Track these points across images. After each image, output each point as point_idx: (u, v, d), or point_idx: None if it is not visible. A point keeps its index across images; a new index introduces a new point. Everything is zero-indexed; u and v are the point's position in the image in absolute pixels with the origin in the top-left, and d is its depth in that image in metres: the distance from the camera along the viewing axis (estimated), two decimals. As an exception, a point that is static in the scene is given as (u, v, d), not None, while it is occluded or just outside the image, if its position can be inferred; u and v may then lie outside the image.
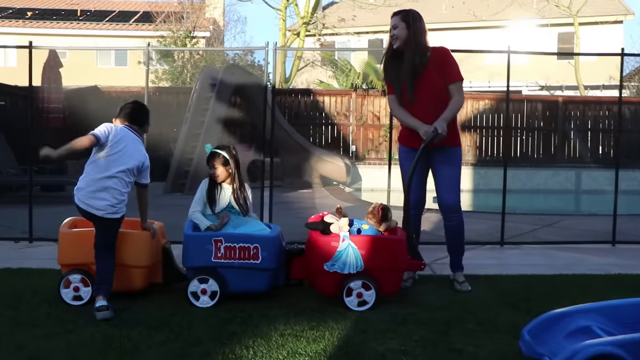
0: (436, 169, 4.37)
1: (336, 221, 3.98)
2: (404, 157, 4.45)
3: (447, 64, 4.23)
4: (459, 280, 4.39)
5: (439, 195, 4.39)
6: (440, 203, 4.39)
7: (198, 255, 3.82)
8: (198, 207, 4.00)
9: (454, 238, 4.45)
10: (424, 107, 4.22)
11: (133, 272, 3.84)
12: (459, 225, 4.41)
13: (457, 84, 4.23)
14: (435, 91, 4.21)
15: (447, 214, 4.39)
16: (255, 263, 3.82)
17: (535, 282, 4.54)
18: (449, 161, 4.33)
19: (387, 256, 3.83)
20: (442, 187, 4.36)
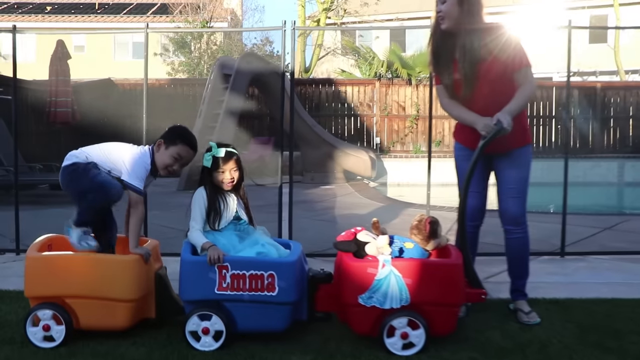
0: (499, 172, 3.53)
1: (373, 240, 3.14)
2: (460, 156, 3.61)
3: (509, 46, 3.33)
4: (524, 311, 3.53)
5: (501, 203, 3.53)
6: (502, 213, 3.53)
7: (198, 285, 3.01)
8: (198, 225, 3.19)
9: (516, 258, 3.59)
10: (484, 102, 3.35)
11: (117, 307, 3.04)
12: (522, 241, 3.55)
13: (524, 71, 3.33)
14: (497, 82, 3.34)
15: (509, 226, 3.53)
16: (271, 295, 2.99)
17: (620, 310, 3.66)
18: (515, 162, 3.47)
19: (440, 286, 2.98)
20: (504, 193, 3.50)
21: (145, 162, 3.20)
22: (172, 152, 3.23)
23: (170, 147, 3.23)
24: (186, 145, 3.26)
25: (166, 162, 3.24)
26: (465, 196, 3.23)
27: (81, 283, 3.02)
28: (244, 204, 3.39)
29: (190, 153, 3.29)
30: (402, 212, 8.09)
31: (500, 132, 3.17)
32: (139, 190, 3.14)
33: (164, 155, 3.23)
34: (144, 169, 3.19)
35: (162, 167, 3.25)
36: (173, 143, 3.23)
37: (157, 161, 3.24)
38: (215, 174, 3.27)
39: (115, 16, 28.34)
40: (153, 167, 3.25)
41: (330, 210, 8.43)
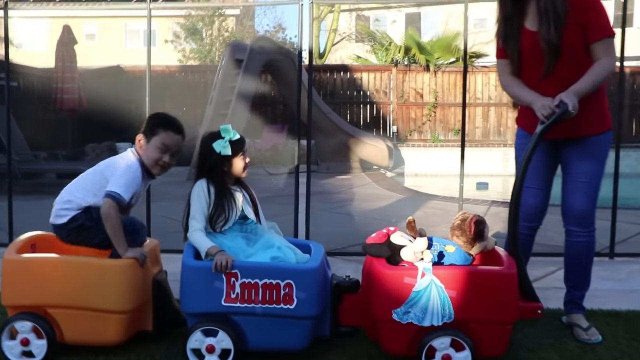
0: (568, 162, 2.98)
1: (409, 243, 2.65)
2: (521, 145, 3.07)
3: (592, 12, 2.80)
4: (582, 326, 3.02)
5: (566, 199, 3.00)
6: (566, 211, 3.00)
7: (202, 296, 2.54)
8: (200, 225, 2.71)
9: (577, 265, 3.06)
10: (562, 82, 2.81)
11: (108, 319, 2.58)
12: (587, 245, 3.02)
13: (605, 42, 2.79)
14: (577, 55, 2.82)
15: (573, 227, 3.00)
16: (288, 309, 2.52)
17: (692, 324, 3.15)
18: (589, 152, 2.93)
19: (491, 300, 2.49)
20: (571, 187, 2.96)
21: (134, 169, 2.75)
22: (155, 143, 2.77)
23: (151, 139, 2.77)
24: (169, 131, 2.79)
25: (153, 157, 2.78)
26: (519, 192, 2.71)
27: (66, 291, 2.57)
28: (251, 199, 2.91)
29: (176, 139, 2.82)
30: (424, 204, 7.59)
31: (563, 115, 2.66)
32: (118, 198, 2.65)
33: (148, 150, 2.77)
34: (135, 178, 2.74)
35: (152, 164, 2.79)
36: (153, 133, 2.77)
37: (144, 161, 2.79)
38: (231, 162, 2.79)
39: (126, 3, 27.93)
40: (144, 170, 2.80)
41: (348, 202, 7.95)
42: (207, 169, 2.80)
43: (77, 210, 2.72)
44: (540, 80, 2.89)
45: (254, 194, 2.93)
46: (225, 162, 2.78)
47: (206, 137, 2.85)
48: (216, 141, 2.78)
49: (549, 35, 2.78)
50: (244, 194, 2.86)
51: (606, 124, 2.96)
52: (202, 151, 2.83)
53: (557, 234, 3.33)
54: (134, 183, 2.71)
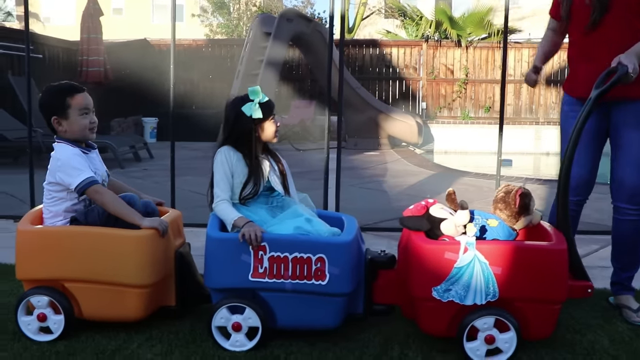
0: (617, 130, 2.75)
1: (450, 216, 2.46)
2: (568, 112, 2.89)
3: None
4: (632, 308, 2.81)
5: (616, 172, 2.78)
6: (616, 185, 2.78)
7: (228, 270, 2.38)
8: (225, 194, 2.55)
9: (627, 244, 2.84)
10: (607, 39, 2.63)
11: (128, 293, 2.44)
12: (637, 223, 2.80)
13: None
14: (628, 14, 2.61)
15: (623, 204, 2.78)
16: (320, 285, 2.35)
17: None
18: (639, 122, 2.70)
19: (538, 277, 2.28)
20: (620, 160, 2.75)
21: (68, 152, 2.55)
22: (75, 114, 2.56)
23: (68, 113, 2.55)
24: (75, 95, 2.57)
25: (82, 125, 2.57)
26: (569, 163, 2.49)
27: (84, 264, 2.43)
28: (280, 170, 2.73)
29: (86, 96, 2.61)
30: (456, 181, 7.35)
31: (623, 78, 2.42)
32: (91, 180, 2.48)
33: (73, 124, 2.56)
34: (75, 156, 2.54)
35: (85, 132, 2.59)
36: (65, 107, 2.56)
37: (76, 136, 2.58)
38: (262, 126, 2.62)
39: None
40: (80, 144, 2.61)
41: (378, 178, 7.74)
42: (235, 135, 2.62)
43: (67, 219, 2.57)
44: (583, 35, 2.73)
45: (284, 164, 2.76)
46: (256, 126, 2.61)
47: (233, 101, 2.67)
48: (245, 104, 2.60)
49: None
50: (271, 164, 2.69)
51: None
52: (229, 116, 2.65)
53: (594, 212, 3.11)
54: (82, 163, 2.54)
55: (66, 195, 2.54)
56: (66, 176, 2.49)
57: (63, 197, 2.54)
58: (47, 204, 2.57)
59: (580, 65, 2.83)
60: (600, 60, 2.66)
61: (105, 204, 2.49)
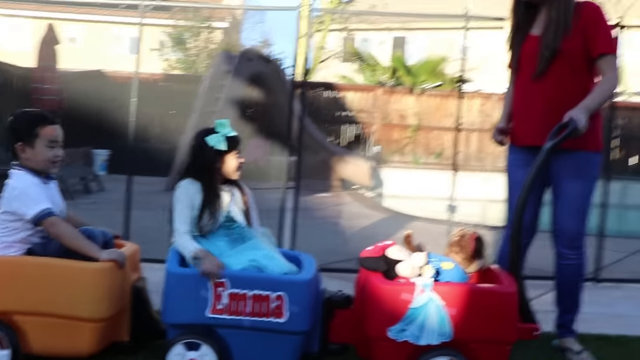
0: (559, 179, 2.89)
1: (407, 257, 2.53)
2: (514, 161, 3.02)
3: (598, 26, 2.76)
4: (574, 350, 2.93)
5: (558, 220, 2.92)
6: (558, 232, 2.93)
7: (186, 305, 2.38)
8: (184, 227, 2.55)
9: (568, 288, 2.98)
10: (552, 89, 2.80)
11: (81, 327, 2.39)
12: (578, 268, 2.95)
13: (610, 58, 2.75)
14: (573, 66, 2.79)
15: (563, 249, 2.92)
16: (278, 323, 2.37)
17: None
18: (579, 172, 2.85)
19: (491, 319, 2.37)
20: (562, 208, 2.89)
21: (27, 181, 2.52)
22: (42, 144, 2.54)
23: (35, 142, 2.53)
24: (47, 126, 2.56)
25: (46, 157, 2.55)
26: (522, 209, 2.61)
27: (35, 296, 2.38)
28: (243, 201, 2.76)
29: (57, 128, 2.60)
30: (407, 224, 7.47)
31: (572, 133, 2.58)
32: (47, 212, 2.45)
33: (38, 154, 2.54)
34: (33, 186, 2.51)
35: (48, 164, 2.57)
36: (34, 135, 2.53)
37: (37, 166, 2.55)
38: (224, 159, 2.65)
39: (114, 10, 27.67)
40: (40, 175, 2.57)
41: (331, 220, 7.81)
42: (197, 167, 2.64)
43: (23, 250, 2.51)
44: (530, 83, 2.87)
45: (249, 196, 2.78)
46: (219, 158, 2.64)
47: (199, 132, 2.71)
48: (210, 135, 2.64)
49: (550, 40, 2.76)
50: (233, 195, 2.71)
51: (598, 144, 2.92)
52: (193, 147, 2.68)
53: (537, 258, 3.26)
54: (40, 193, 2.51)
55: (21, 226, 2.49)
56: (22, 206, 2.45)
57: (18, 227, 2.49)
58: (1, 234, 2.51)
59: (524, 116, 2.96)
60: (543, 110, 2.82)
61: (60, 236, 2.45)
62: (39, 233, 2.53)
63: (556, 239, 2.94)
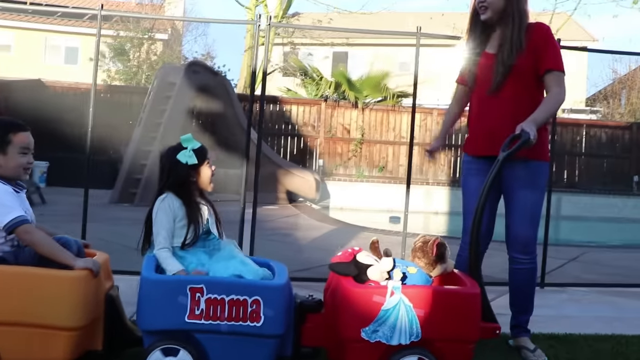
0: (510, 189, 3.09)
1: (375, 262, 2.65)
2: (469, 170, 3.21)
3: (547, 45, 3.00)
4: (529, 348, 3.12)
5: (511, 226, 3.11)
6: (511, 238, 3.12)
7: (164, 311, 2.41)
8: (166, 242, 2.60)
9: (522, 291, 3.18)
10: (506, 103, 3.00)
11: (55, 337, 2.38)
12: (531, 272, 3.16)
13: (556, 74, 2.98)
14: (525, 82, 3.00)
15: (517, 254, 3.12)
16: (255, 326, 2.43)
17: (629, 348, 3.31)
18: (530, 180, 3.06)
19: (456, 319, 2.51)
20: (515, 215, 3.08)
21: (0, 189, 2.50)
22: (14, 151, 2.54)
23: (7, 148, 2.53)
24: (19, 133, 2.57)
25: (18, 163, 2.55)
26: (480, 216, 2.79)
27: (7, 305, 2.35)
28: (214, 213, 2.84)
29: (29, 135, 2.61)
30: (357, 235, 7.66)
31: (524, 144, 2.78)
32: (21, 219, 2.45)
33: (10, 160, 2.53)
34: (6, 194, 2.49)
35: (19, 171, 2.57)
36: (6, 142, 2.53)
37: (8, 174, 2.54)
38: (198, 171, 2.71)
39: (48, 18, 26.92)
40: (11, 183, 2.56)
41: (281, 231, 7.88)
42: (173, 183, 2.70)
43: None
44: (485, 97, 3.06)
45: (216, 208, 2.85)
46: (193, 172, 2.70)
47: (167, 151, 2.77)
48: (180, 152, 2.70)
49: (505, 57, 2.96)
50: (208, 208, 2.78)
51: (546, 154, 3.15)
52: (164, 166, 2.74)
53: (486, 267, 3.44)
54: (13, 201, 2.50)
55: None
56: None
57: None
58: None
59: (478, 126, 3.16)
60: (497, 122, 3.02)
61: (35, 244, 2.45)
62: (9, 242, 2.50)
63: (510, 245, 3.13)
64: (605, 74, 28.06)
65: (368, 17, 20.45)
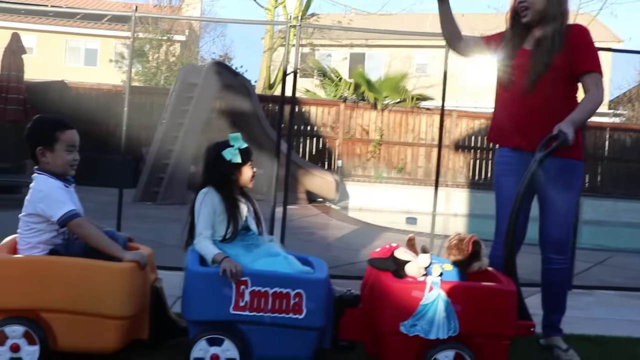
0: (545, 189, 3.09)
1: (413, 258, 2.71)
2: (502, 170, 3.18)
3: (586, 47, 3.01)
4: (562, 347, 3.15)
5: (545, 227, 3.13)
6: (545, 238, 3.14)
7: (209, 303, 2.49)
8: (207, 232, 2.67)
9: (556, 290, 3.21)
10: (538, 100, 3.00)
11: (106, 325, 2.48)
12: (565, 272, 3.20)
13: (594, 76, 2.98)
14: (559, 81, 3.01)
15: (552, 254, 3.14)
16: (297, 319, 2.51)
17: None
18: (566, 180, 3.08)
19: (493, 315, 2.57)
20: (551, 216, 3.10)
21: (51, 184, 2.61)
22: (61, 148, 2.63)
23: (55, 146, 2.63)
24: (66, 130, 2.66)
25: (65, 161, 2.65)
26: (516, 216, 2.83)
27: (62, 294, 2.46)
28: (254, 211, 2.91)
29: (75, 133, 2.71)
30: (380, 235, 7.71)
31: (562, 145, 2.81)
32: (73, 213, 2.55)
33: (57, 158, 2.63)
34: (57, 189, 2.60)
35: (67, 168, 2.66)
36: (54, 140, 2.63)
37: (56, 170, 2.64)
38: (240, 171, 2.78)
39: (69, 20, 27.28)
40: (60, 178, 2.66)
41: (305, 230, 7.95)
42: (215, 179, 2.78)
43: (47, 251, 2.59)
44: (519, 94, 3.02)
45: (257, 205, 2.92)
46: (235, 170, 2.78)
47: (214, 145, 2.84)
48: (226, 149, 2.77)
49: (544, 55, 2.96)
50: (247, 205, 2.85)
51: (581, 154, 3.14)
52: (209, 160, 2.81)
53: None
54: (64, 195, 2.60)
55: (45, 227, 2.56)
56: (48, 208, 2.53)
57: (42, 228, 2.56)
58: (25, 236, 2.58)
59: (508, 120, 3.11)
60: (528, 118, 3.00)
61: (87, 236, 2.54)
62: (61, 235, 2.60)
63: (545, 244, 3.14)
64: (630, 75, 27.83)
65: (387, 17, 20.48)
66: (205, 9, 27.41)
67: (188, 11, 24.84)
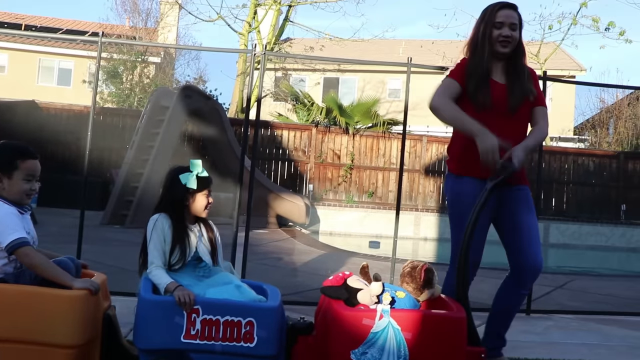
0: (515, 215, 3.12)
1: (365, 286, 2.75)
2: (459, 191, 3.17)
3: (537, 82, 3.26)
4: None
5: (525, 252, 3.10)
6: (527, 267, 3.11)
7: (160, 331, 2.49)
8: (158, 261, 2.68)
9: (511, 311, 3.26)
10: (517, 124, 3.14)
11: (55, 354, 2.45)
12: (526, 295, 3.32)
13: (544, 110, 3.20)
14: (524, 111, 3.15)
15: (528, 281, 3.15)
16: (248, 347, 2.52)
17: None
18: (530, 205, 3.17)
19: (443, 342, 2.61)
20: (530, 241, 3.10)
21: (4, 210, 2.56)
22: (19, 177, 2.60)
23: (13, 174, 2.60)
24: (27, 160, 2.63)
25: (22, 189, 2.62)
26: (469, 243, 2.89)
27: (10, 323, 2.42)
28: (209, 239, 2.91)
29: (36, 163, 2.67)
30: (347, 260, 7.74)
31: (514, 171, 2.90)
32: (22, 241, 2.50)
33: (14, 185, 2.60)
34: (10, 215, 2.56)
35: (22, 197, 2.63)
36: (13, 167, 2.60)
37: (11, 198, 2.60)
38: (194, 197, 2.80)
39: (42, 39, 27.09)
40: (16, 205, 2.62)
41: (272, 255, 7.95)
42: (167, 202, 2.79)
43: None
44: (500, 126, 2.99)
45: (216, 234, 2.93)
46: (188, 195, 2.79)
47: (173, 169, 2.86)
48: (184, 173, 2.80)
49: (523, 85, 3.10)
50: (201, 233, 2.86)
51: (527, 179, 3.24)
52: (166, 183, 2.83)
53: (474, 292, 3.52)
54: (17, 222, 2.56)
55: None
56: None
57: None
58: None
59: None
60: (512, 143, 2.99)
61: (34, 266, 2.52)
62: (12, 262, 2.58)
63: (525, 273, 3.11)
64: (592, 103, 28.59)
65: (359, 44, 20.77)
66: (181, 32, 27.46)
67: (163, 34, 24.86)
